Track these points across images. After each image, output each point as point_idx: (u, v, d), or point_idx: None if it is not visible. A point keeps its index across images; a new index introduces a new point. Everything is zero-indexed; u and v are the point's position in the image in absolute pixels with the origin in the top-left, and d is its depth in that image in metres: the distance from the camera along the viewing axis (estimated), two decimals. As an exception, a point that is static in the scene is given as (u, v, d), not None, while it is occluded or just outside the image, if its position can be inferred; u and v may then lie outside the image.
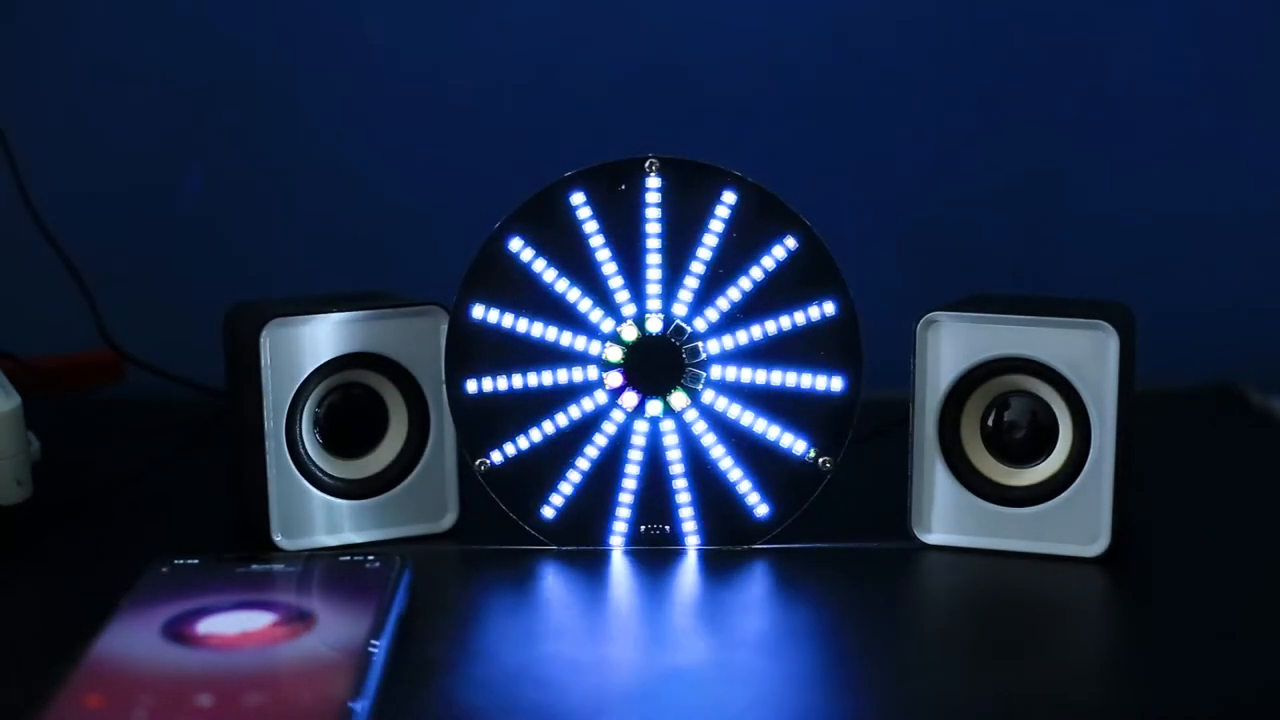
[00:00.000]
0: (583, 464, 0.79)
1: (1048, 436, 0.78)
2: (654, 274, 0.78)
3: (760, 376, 0.79)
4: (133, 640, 0.63)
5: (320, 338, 0.79)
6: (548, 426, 0.79)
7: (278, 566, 0.73)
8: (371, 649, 0.63)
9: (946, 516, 0.79)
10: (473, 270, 0.78)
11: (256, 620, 0.66)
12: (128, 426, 0.99)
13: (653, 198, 0.78)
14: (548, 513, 0.80)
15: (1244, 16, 1.12)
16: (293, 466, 0.79)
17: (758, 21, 1.12)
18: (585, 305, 0.79)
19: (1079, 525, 0.77)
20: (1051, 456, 0.78)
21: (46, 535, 0.82)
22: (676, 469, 0.79)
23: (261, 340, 0.77)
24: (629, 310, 0.79)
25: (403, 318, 0.80)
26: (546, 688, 0.65)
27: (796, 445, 0.79)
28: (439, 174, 1.13)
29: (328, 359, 0.79)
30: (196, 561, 0.72)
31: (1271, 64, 1.12)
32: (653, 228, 0.78)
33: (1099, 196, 1.13)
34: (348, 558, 0.74)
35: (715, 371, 0.79)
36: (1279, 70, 1.13)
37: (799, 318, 0.78)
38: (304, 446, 0.79)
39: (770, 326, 0.78)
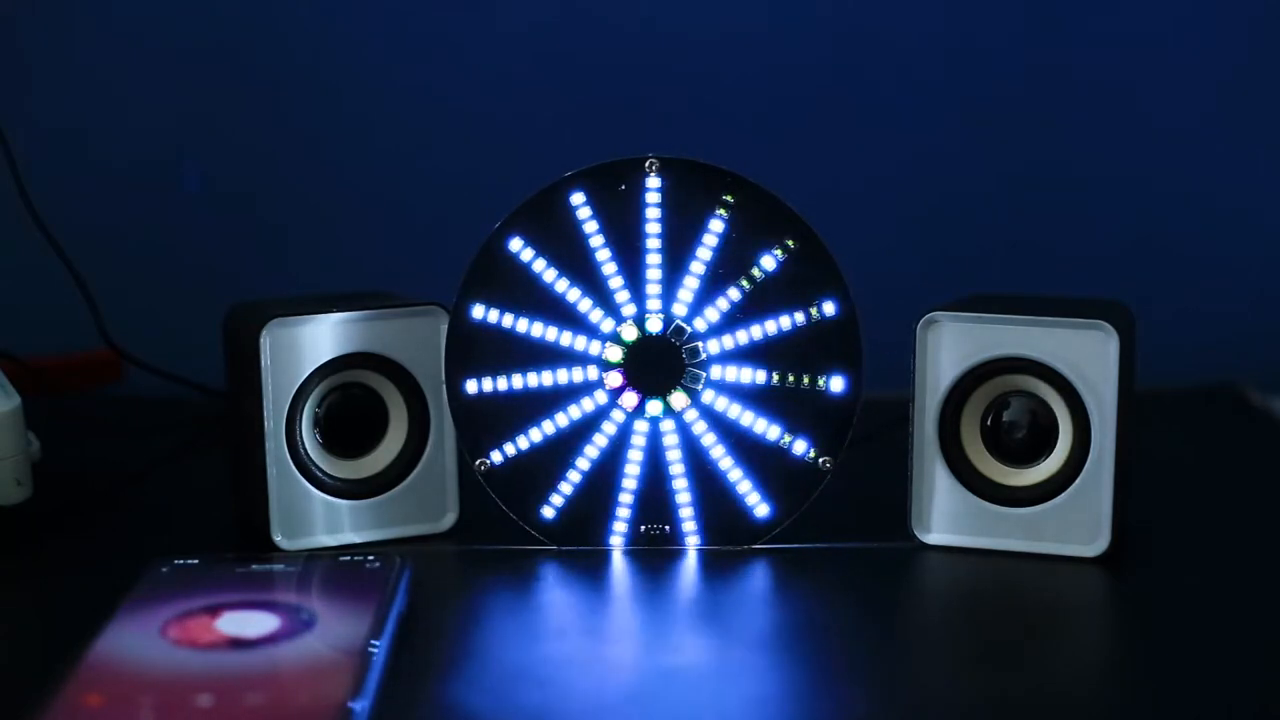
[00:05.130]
0: (583, 464, 0.79)
1: (1048, 436, 0.78)
2: (654, 274, 0.78)
3: (760, 376, 0.79)
4: (133, 640, 0.63)
5: (320, 338, 0.79)
6: (548, 426, 0.79)
7: (278, 566, 0.73)
8: (371, 649, 0.63)
9: (946, 516, 0.79)
10: (473, 270, 0.78)
11: (256, 620, 0.66)
12: (128, 426, 1.00)
13: (653, 198, 0.78)
14: (548, 513, 0.80)
15: (1245, 18, 1.12)
16: (293, 466, 0.79)
17: (758, 22, 1.12)
18: (585, 305, 0.79)
19: (1079, 525, 0.77)
20: (1051, 456, 0.78)
21: (46, 535, 0.82)
22: (676, 469, 0.79)
23: (261, 340, 0.77)
24: (629, 310, 0.79)
25: (403, 318, 0.80)
26: (546, 688, 0.65)
27: (796, 445, 0.79)
28: (439, 174, 1.13)
29: (328, 359, 0.79)
30: (196, 561, 0.72)
31: (1272, 64, 1.12)
32: (653, 228, 0.78)
33: (1099, 197, 1.13)
34: (348, 558, 0.74)
35: (715, 371, 0.79)
36: (1277, 78, 1.13)
37: (799, 318, 0.78)
38: (304, 446, 0.79)
39: (770, 326, 0.78)
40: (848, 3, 1.12)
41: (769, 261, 0.78)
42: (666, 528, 0.80)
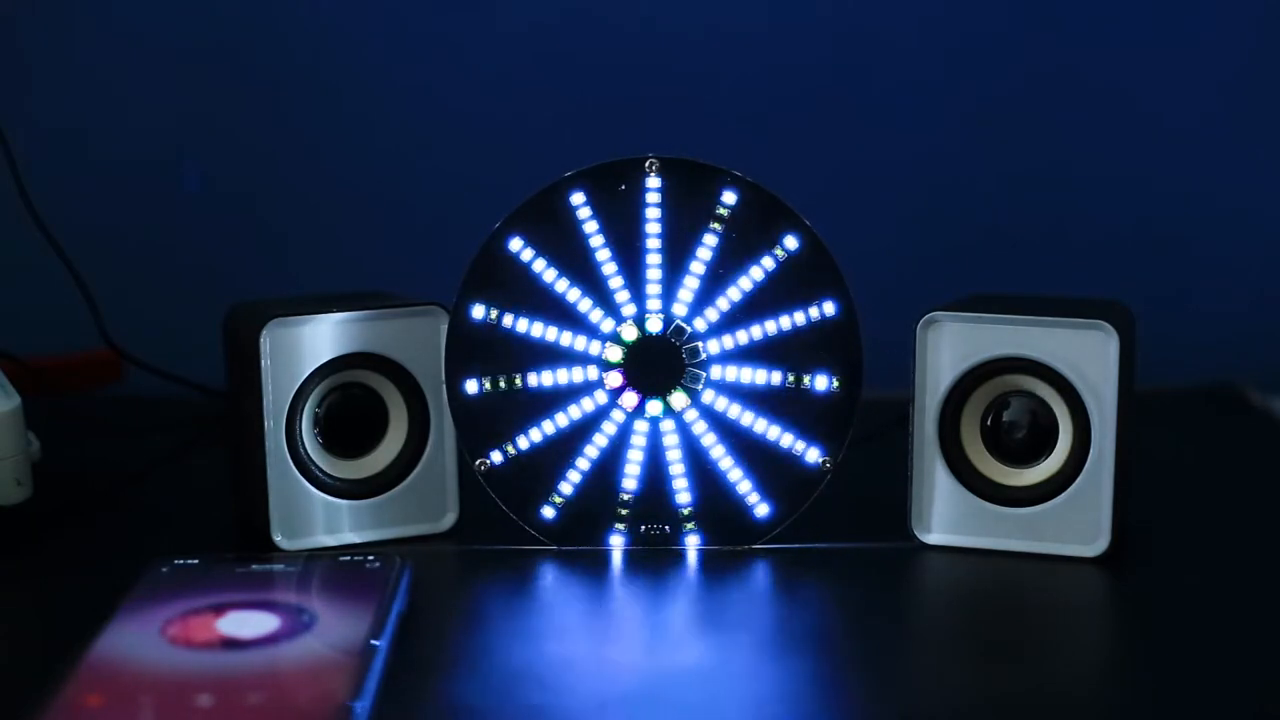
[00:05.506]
0: (583, 464, 0.79)
1: (1048, 436, 0.78)
2: (654, 274, 0.78)
3: (760, 376, 0.79)
4: (133, 640, 0.63)
5: (320, 338, 0.79)
6: (548, 426, 0.79)
7: (278, 566, 0.73)
8: (371, 649, 0.63)
9: (946, 516, 0.79)
10: (473, 270, 0.78)
11: (256, 620, 0.66)
12: (128, 426, 0.99)
13: (653, 198, 0.78)
14: (548, 513, 0.80)
15: (1246, 18, 1.12)
16: (293, 466, 0.79)
17: (758, 22, 1.12)
18: (585, 305, 0.79)
19: (1079, 525, 0.77)
20: (1051, 456, 0.78)
21: (46, 535, 0.82)
22: (676, 469, 0.79)
23: (261, 340, 0.77)
24: (629, 310, 0.79)
25: (403, 318, 0.80)
26: (546, 688, 0.65)
27: (796, 445, 0.79)
28: (439, 174, 1.13)
29: (328, 359, 0.79)
30: (196, 561, 0.72)
31: (1272, 65, 1.12)
32: (653, 228, 0.78)
33: (1098, 197, 1.13)
34: (348, 558, 0.74)
35: (715, 371, 0.79)
36: (1276, 76, 1.13)
37: (799, 318, 0.78)
38: (304, 446, 0.79)
39: (770, 326, 0.78)
40: (848, 3, 1.12)
41: (769, 261, 0.78)
42: (666, 528, 0.80)
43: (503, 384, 0.79)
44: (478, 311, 0.79)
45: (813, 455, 0.79)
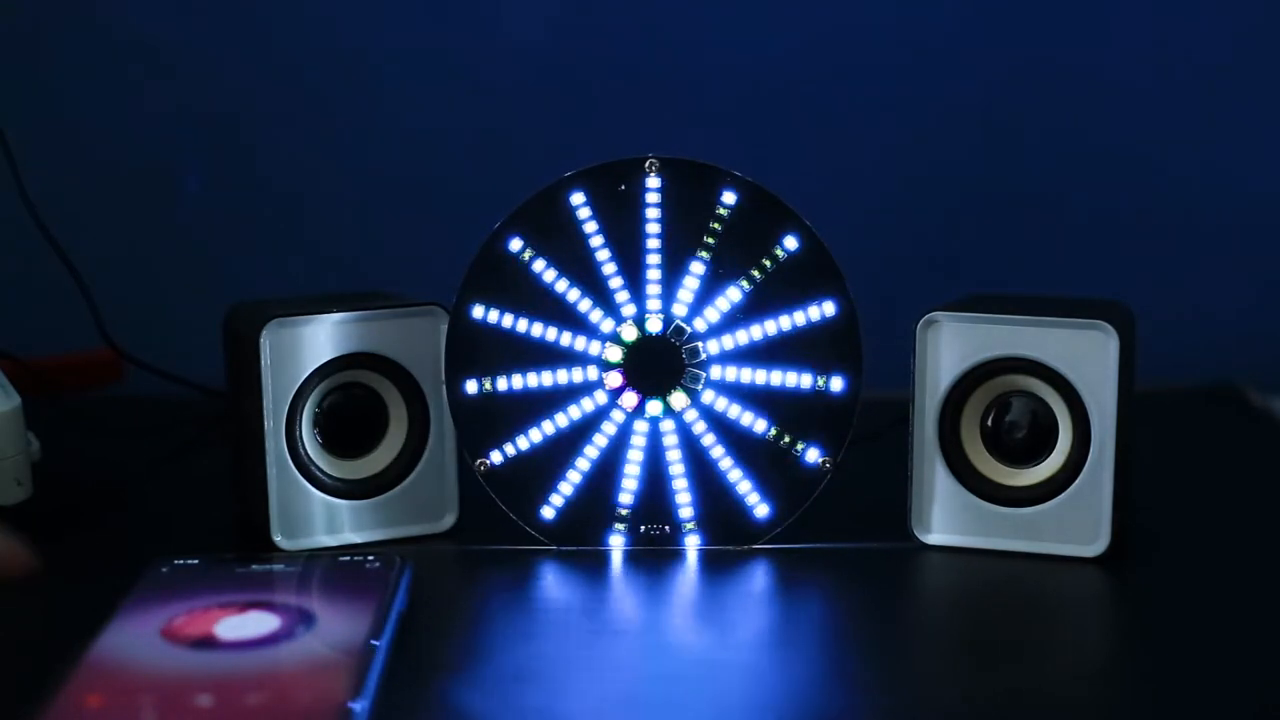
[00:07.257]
0: (583, 464, 0.79)
1: (1048, 436, 0.78)
2: (654, 274, 0.78)
3: (760, 376, 0.79)
4: (133, 640, 0.63)
5: (320, 338, 0.79)
6: (548, 426, 0.79)
7: (278, 566, 0.73)
8: (371, 649, 0.63)
9: (946, 516, 0.79)
10: (473, 270, 0.78)
11: (256, 620, 0.66)
12: (128, 426, 0.99)
13: (653, 198, 0.78)
14: (548, 513, 0.80)
15: (1239, 17, 1.12)
16: (293, 466, 0.79)
17: (759, 22, 1.12)
18: (585, 305, 0.79)
19: (1079, 525, 0.77)
20: (1051, 456, 0.78)
21: (46, 535, 0.81)
22: (676, 469, 0.79)
23: (261, 340, 0.77)
24: (629, 310, 0.79)
25: (403, 318, 0.80)
26: (546, 688, 0.65)
27: (796, 445, 0.79)
28: (439, 174, 1.13)
29: (328, 359, 0.79)
30: (196, 561, 0.72)
31: (1269, 64, 1.12)
32: (653, 228, 0.78)
33: (1098, 197, 1.13)
34: (348, 558, 0.74)
35: (715, 371, 0.79)
36: (1276, 69, 1.13)
37: (799, 318, 0.78)
38: (304, 446, 0.79)
39: (770, 326, 0.78)
40: (849, 4, 1.12)
41: (769, 261, 0.78)
42: (666, 528, 0.80)
43: (502, 384, 0.79)
44: (478, 311, 0.79)
45: (813, 455, 0.79)
